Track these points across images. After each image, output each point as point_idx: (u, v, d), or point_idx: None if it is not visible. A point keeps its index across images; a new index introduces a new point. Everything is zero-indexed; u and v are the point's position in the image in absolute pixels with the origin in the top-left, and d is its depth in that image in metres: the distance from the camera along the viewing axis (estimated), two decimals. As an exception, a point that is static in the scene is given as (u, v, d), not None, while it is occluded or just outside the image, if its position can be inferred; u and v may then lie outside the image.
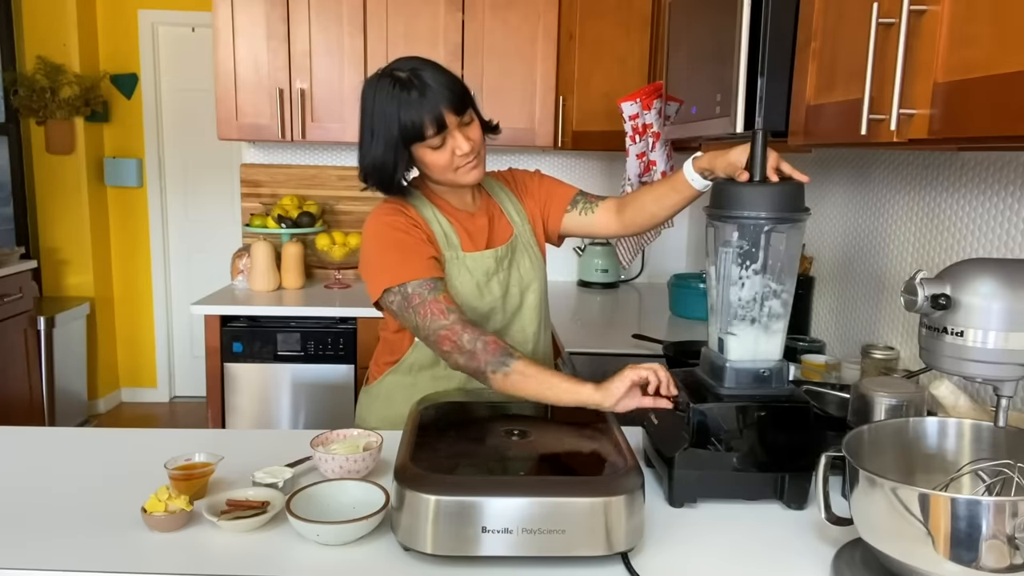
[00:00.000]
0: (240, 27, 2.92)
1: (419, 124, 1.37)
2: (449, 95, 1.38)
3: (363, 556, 1.03)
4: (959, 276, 0.95)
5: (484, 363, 1.30)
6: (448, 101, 1.37)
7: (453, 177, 1.45)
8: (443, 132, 1.39)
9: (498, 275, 1.53)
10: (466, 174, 1.45)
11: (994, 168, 1.45)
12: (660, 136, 2.55)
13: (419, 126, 1.37)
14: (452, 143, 1.41)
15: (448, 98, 1.37)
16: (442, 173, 1.45)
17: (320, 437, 1.28)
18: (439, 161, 1.42)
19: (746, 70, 1.49)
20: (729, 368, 1.23)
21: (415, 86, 1.36)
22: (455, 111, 1.38)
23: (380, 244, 1.44)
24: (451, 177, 1.45)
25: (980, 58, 0.86)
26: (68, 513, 1.13)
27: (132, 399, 4.81)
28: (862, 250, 1.93)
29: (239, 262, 3.08)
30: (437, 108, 1.36)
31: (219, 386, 2.82)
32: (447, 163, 1.42)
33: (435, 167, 1.44)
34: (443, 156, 1.42)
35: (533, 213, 1.64)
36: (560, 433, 1.24)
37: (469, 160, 1.43)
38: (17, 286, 3.73)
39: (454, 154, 1.41)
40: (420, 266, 1.40)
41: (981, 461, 1.02)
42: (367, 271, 1.45)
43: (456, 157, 1.42)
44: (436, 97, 1.36)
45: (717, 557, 1.06)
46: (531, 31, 2.96)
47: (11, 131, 4.17)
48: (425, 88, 1.36)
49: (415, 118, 1.36)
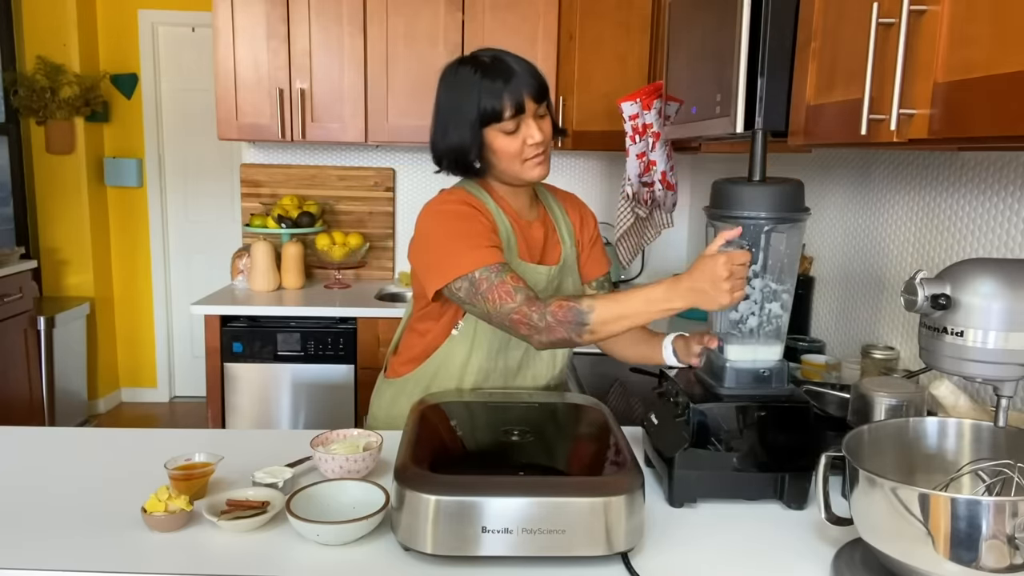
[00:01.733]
0: (240, 27, 2.92)
1: (499, 104, 1.38)
2: (531, 81, 1.40)
3: (363, 556, 1.03)
4: (959, 276, 0.95)
5: (567, 333, 1.29)
6: (529, 86, 1.39)
7: (520, 170, 1.43)
8: (519, 117, 1.39)
9: (544, 294, 1.49)
10: (532, 168, 1.44)
11: (994, 168, 1.45)
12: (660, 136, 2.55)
13: (499, 107, 1.38)
14: (525, 131, 1.41)
15: (530, 83, 1.40)
16: (510, 162, 1.43)
17: (320, 437, 1.28)
18: (510, 148, 1.41)
19: (746, 70, 1.49)
20: (729, 368, 1.23)
21: (498, 68, 1.39)
22: (534, 98, 1.40)
23: (445, 232, 1.40)
24: (517, 169, 1.43)
25: (980, 58, 0.86)
26: (68, 513, 1.13)
27: (132, 399, 4.81)
28: (862, 250, 1.93)
29: (239, 262, 3.08)
30: (518, 90, 1.38)
31: (219, 386, 2.82)
32: (517, 151, 1.41)
33: (504, 154, 1.42)
34: (514, 143, 1.41)
35: (581, 242, 1.62)
36: (560, 433, 1.24)
37: (538, 152, 1.43)
38: (17, 286, 3.73)
39: (525, 143, 1.41)
40: (486, 253, 1.36)
41: (981, 461, 1.02)
42: (429, 259, 1.41)
43: (527, 146, 1.41)
44: (518, 80, 1.39)
45: (717, 557, 1.06)
46: (531, 31, 2.96)
47: (11, 131, 4.17)
48: (509, 71, 1.39)
49: (496, 98, 1.38)
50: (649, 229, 2.88)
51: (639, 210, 2.83)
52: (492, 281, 1.34)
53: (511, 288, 1.32)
